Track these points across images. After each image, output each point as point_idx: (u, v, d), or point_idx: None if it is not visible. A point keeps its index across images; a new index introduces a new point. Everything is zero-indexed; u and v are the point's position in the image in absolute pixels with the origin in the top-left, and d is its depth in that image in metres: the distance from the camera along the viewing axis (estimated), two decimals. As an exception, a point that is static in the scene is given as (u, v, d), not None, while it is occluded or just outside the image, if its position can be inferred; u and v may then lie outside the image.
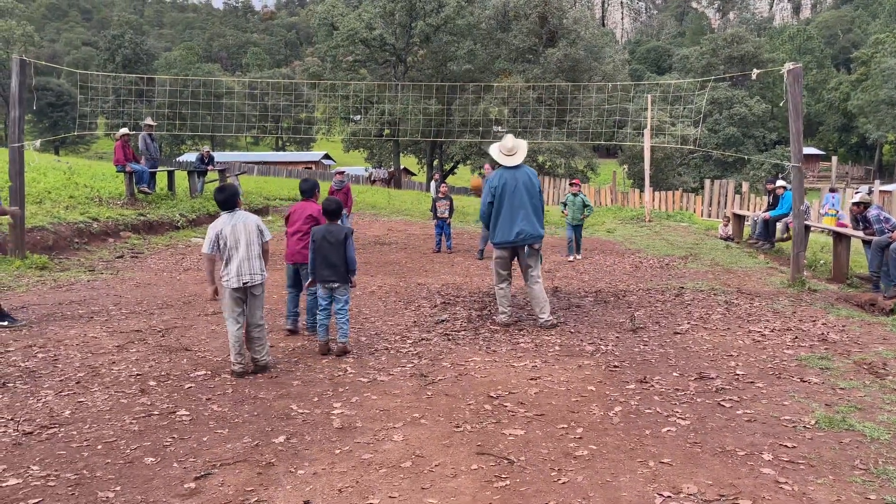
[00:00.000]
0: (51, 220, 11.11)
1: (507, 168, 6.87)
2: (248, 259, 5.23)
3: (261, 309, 5.40)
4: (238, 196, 5.43)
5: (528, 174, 6.90)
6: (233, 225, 5.24)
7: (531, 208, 6.77)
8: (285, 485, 3.55)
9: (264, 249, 5.40)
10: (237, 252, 5.21)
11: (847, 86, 68.19)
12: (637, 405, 4.63)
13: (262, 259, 5.35)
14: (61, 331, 6.52)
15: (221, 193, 5.36)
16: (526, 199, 6.74)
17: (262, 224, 5.38)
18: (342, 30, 39.58)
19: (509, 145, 6.91)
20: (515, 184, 6.78)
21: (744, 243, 14.44)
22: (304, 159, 65.23)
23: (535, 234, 6.79)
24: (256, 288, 5.30)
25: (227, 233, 5.22)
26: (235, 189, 5.48)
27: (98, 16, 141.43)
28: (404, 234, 14.95)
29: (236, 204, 5.35)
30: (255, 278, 5.25)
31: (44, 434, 4.21)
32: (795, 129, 9.08)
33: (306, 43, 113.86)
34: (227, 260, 5.24)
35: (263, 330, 5.40)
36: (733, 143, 52.30)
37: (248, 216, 5.34)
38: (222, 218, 5.29)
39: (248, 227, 5.26)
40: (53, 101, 68.92)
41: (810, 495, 3.35)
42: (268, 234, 5.41)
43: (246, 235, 5.24)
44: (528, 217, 6.74)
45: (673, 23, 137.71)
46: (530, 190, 6.80)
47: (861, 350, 5.91)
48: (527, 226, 6.72)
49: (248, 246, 5.23)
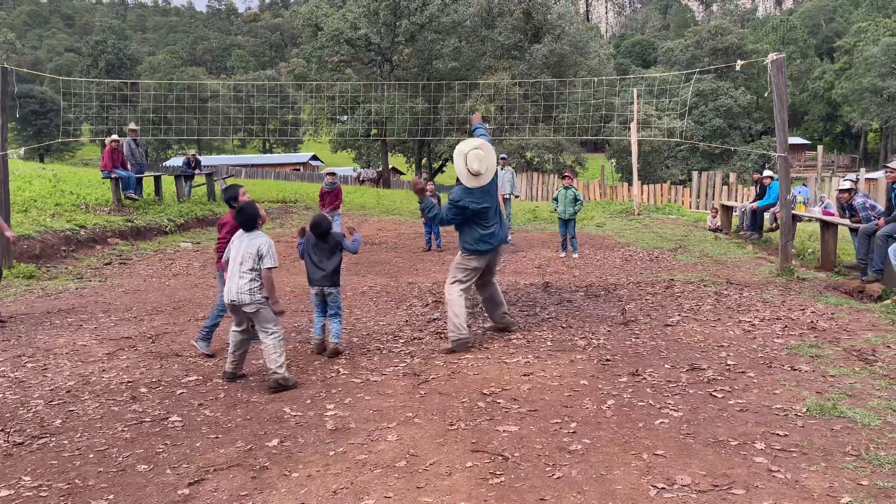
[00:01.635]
0: (37, 229, 11.02)
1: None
2: (234, 278, 5.04)
3: (266, 324, 5.08)
4: (256, 219, 5.17)
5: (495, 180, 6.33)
6: (240, 241, 5.12)
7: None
8: (280, 488, 3.54)
9: (264, 276, 5.04)
10: (231, 267, 5.10)
11: (831, 75, 68.60)
12: (630, 398, 4.64)
13: (254, 281, 5.03)
14: (50, 340, 6.47)
15: (241, 215, 5.18)
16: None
17: (266, 249, 5.04)
18: (326, 30, 39.46)
19: (475, 167, 5.97)
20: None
21: (733, 234, 14.51)
22: (291, 161, 65.06)
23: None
24: (246, 307, 5.04)
25: (234, 246, 5.14)
26: (254, 211, 5.18)
27: (80, 21, 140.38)
28: (394, 233, 14.93)
29: (255, 226, 5.15)
30: (241, 298, 5.01)
31: (34, 444, 4.18)
32: (780, 119, 9.14)
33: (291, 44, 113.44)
34: (227, 275, 5.18)
35: (269, 346, 5.06)
36: (720, 135, 52.57)
37: (255, 240, 5.06)
38: (240, 231, 5.19)
39: (249, 248, 5.03)
40: (37, 109, 68.35)
41: (803, 483, 3.37)
42: (269, 261, 5.02)
43: (243, 255, 5.03)
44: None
45: (657, 16, 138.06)
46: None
47: (850, 337, 5.96)
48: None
49: (240, 265, 5.03)
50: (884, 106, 58.35)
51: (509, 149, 37.89)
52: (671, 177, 39.96)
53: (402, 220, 17.46)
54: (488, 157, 6.05)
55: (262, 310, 5.07)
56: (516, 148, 37.50)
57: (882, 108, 58.78)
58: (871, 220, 8.97)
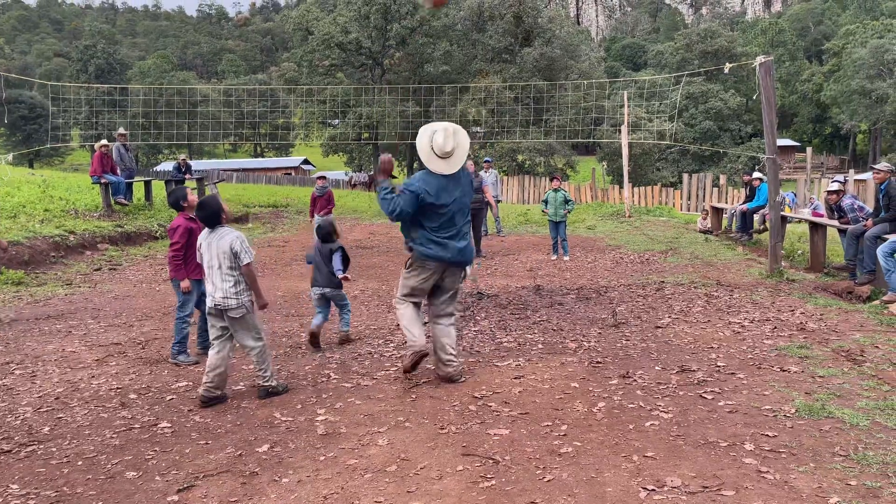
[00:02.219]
0: (26, 235, 10.96)
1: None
2: (214, 282, 4.84)
3: (248, 332, 4.89)
4: (220, 213, 4.90)
5: (465, 176, 5.19)
6: (208, 243, 4.88)
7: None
8: (270, 494, 3.53)
9: (245, 273, 4.84)
10: (209, 272, 4.88)
11: (820, 77, 69.06)
12: (620, 400, 4.65)
13: (239, 282, 4.84)
14: (39, 346, 6.43)
15: (202, 210, 4.92)
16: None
17: (238, 245, 4.80)
18: (317, 34, 39.48)
19: (441, 142, 4.90)
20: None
21: (723, 235, 14.58)
22: (283, 165, 64.87)
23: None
24: (232, 311, 4.83)
25: (204, 249, 4.91)
26: (217, 205, 4.91)
27: (69, 26, 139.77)
28: (386, 237, 14.92)
29: (219, 222, 4.89)
30: (227, 302, 4.80)
31: (23, 452, 4.15)
32: (769, 121, 9.19)
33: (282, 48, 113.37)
34: (205, 277, 4.97)
35: (257, 354, 4.91)
36: (710, 137, 52.79)
37: (226, 236, 4.84)
38: (204, 232, 4.97)
39: (221, 247, 4.80)
40: (26, 114, 67.95)
41: (792, 483, 3.38)
42: (246, 256, 4.81)
43: (217, 257, 4.82)
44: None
45: (647, 19, 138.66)
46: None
47: (839, 338, 5.99)
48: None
49: (219, 268, 4.81)
50: (872, 108, 58.75)
51: (500, 152, 37.97)
52: (662, 179, 40.12)
53: (394, 224, 17.44)
54: (460, 139, 4.98)
55: (248, 316, 4.88)
56: (507, 151, 37.57)
57: (870, 110, 59.19)
58: (859, 222, 9.02)
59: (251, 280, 4.88)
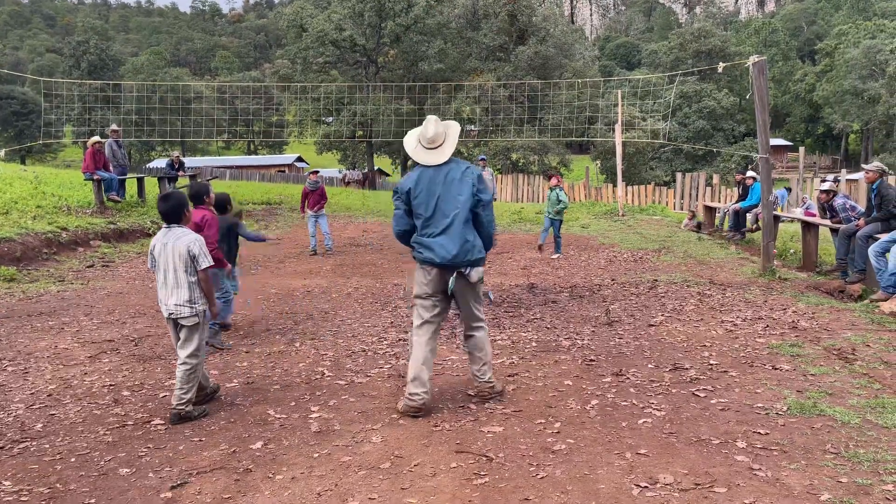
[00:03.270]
0: (18, 231, 10.90)
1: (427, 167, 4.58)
2: (169, 287, 4.48)
3: (190, 345, 4.50)
4: (182, 208, 4.56)
5: (453, 168, 4.56)
6: (164, 244, 4.49)
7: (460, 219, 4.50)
8: (263, 491, 3.53)
9: (201, 279, 4.51)
10: (161, 277, 4.50)
11: (812, 77, 69.39)
12: (613, 398, 4.67)
13: (193, 289, 4.48)
14: (31, 343, 6.40)
15: (164, 203, 4.55)
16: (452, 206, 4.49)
17: (197, 248, 4.47)
18: (311, 31, 39.37)
19: (430, 132, 4.54)
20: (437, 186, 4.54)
21: (716, 235, 14.63)
22: (276, 163, 64.69)
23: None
24: (184, 320, 4.47)
25: (158, 251, 4.51)
26: (181, 199, 4.59)
27: (62, 22, 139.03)
28: (380, 235, 14.92)
29: (178, 219, 4.54)
30: (180, 311, 4.45)
31: (15, 448, 4.13)
32: (762, 120, 9.23)
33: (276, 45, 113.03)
34: (158, 283, 4.56)
35: (187, 371, 4.47)
36: (703, 137, 52.99)
37: (182, 237, 4.48)
38: (160, 232, 4.57)
39: (177, 249, 4.44)
40: (18, 110, 67.58)
41: (784, 480, 3.40)
42: (204, 260, 4.48)
43: (173, 260, 4.45)
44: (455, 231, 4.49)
45: (641, 18, 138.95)
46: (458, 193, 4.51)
47: (831, 336, 6.03)
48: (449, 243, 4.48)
49: (174, 272, 4.45)
50: (864, 108, 59.08)
51: (494, 150, 37.98)
52: (655, 178, 40.24)
53: (388, 221, 17.44)
54: (447, 129, 4.62)
55: (199, 326, 4.53)
56: (502, 149, 37.58)
57: (863, 110, 59.53)
58: (851, 221, 9.08)
59: (207, 287, 4.55)
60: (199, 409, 4.60)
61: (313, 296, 8.59)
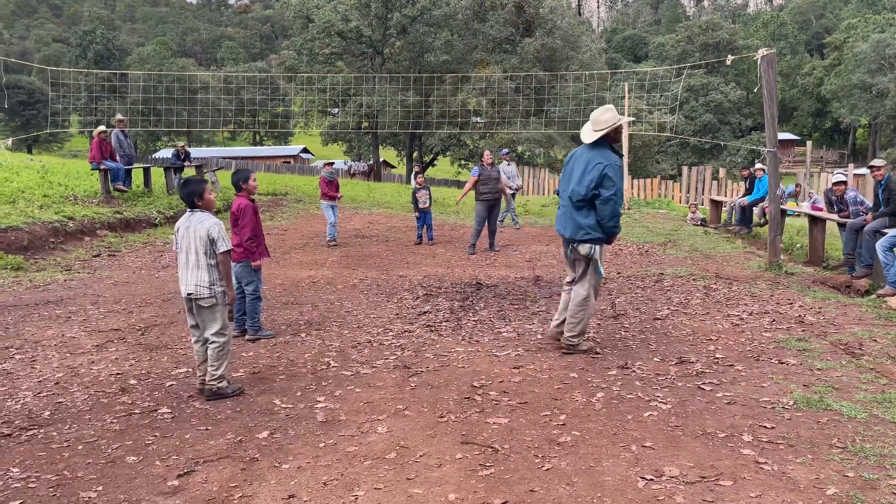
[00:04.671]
0: (25, 220, 10.94)
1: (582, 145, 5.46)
2: (190, 268, 4.68)
3: (214, 325, 4.72)
4: (194, 196, 4.76)
5: (591, 158, 5.29)
6: (186, 227, 4.72)
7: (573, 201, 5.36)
8: (270, 480, 3.54)
9: (220, 261, 4.71)
10: (184, 258, 4.71)
11: (821, 71, 68.91)
12: (619, 391, 4.67)
13: (212, 271, 4.69)
14: (38, 331, 6.43)
15: (185, 188, 4.82)
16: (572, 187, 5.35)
17: (216, 232, 4.67)
18: (318, 22, 39.23)
19: (597, 115, 5.39)
20: (573, 165, 5.45)
21: (722, 229, 14.58)
22: (282, 154, 64.71)
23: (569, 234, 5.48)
24: (203, 301, 4.68)
25: (181, 235, 4.74)
26: (199, 185, 4.82)
27: (68, 11, 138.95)
28: (385, 226, 14.91)
29: (193, 204, 4.75)
30: (199, 291, 4.66)
31: (23, 436, 4.16)
32: (770, 114, 9.17)
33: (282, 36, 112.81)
34: (180, 264, 4.78)
35: (216, 349, 4.70)
36: (710, 130, 52.73)
37: (203, 222, 4.69)
38: (183, 216, 4.81)
39: (197, 233, 4.66)
40: (25, 99, 67.65)
41: (790, 474, 3.40)
42: (222, 244, 4.68)
43: (194, 243, 4.67)
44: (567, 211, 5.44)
45: (649, 11, 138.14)
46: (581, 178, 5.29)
47: (837, 331, 6.01)
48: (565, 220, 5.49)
49: (195, 254, 4.66)
50: (872, 102, 58.68)
51: (500, 142, 37.87)
52: (661, 172, 40.04)
53: (393, 213, 17.44)
54: (598, 114, 5.37)
55: (218, 307, 4.73)
56: (507, 142, 37.49)
57: (871, 105, 59.11)
58: (859, 215, 9.04)
59: (226, 270, 4.75)
60: (233, 387, 4.80)
61: (319, 287, 8.60)
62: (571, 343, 5.50)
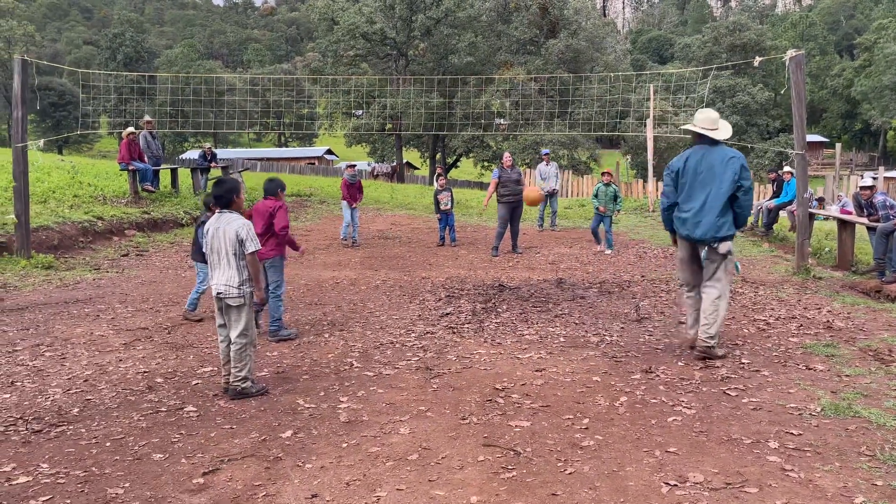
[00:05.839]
0: (56, 220, 11.14)
1: (703, 146, 5.66)
2: (221, 268, 4.76)
3: (239, 325, 4.77)
4: (233, 194, 4.85)
5: (719, 155, 5.62)
6: (216, 228, 4.78)
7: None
8: (293, 479, 3.57)
9: (249, 262, 4.77)
10: (215, 259, 4.79)
11: (850, 72, 67.81)
12: (643, 395, 4.63)
13: (242, 271, 4.76)
14: (68, 329, 6.55)
15: (218, 188, 4.87)
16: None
17: (245, 232, 4.73)
18: (342, 24, 39.52)
19: (714, 116, 5.72)
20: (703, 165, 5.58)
21: (747, 231, 14.40)
22: (306, 155, 65.14)
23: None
24: (231, 300, 4.75)
25: (210, 236, 4.80)
26: (234, 184, 4.88)
27: (99, 14, 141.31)
28: (408, 228, 14.95)
29: (229, 203, 4.83)
30: (228, 291, 4.74)
31: (52, 432, 4.24)
32: (799, 116, 9.05)
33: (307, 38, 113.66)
34: (211, 264, 4.86)
35: (238, 350, 4.75)
36: (736, 132, 51.97)
37: (232, 223, 4.75)
38: (213, 217, 4.88)
39: (227, 234, 4.72)
40: (56, 101, 68.92)
41: (817, 482, 3.35)
42: (251, 244, 4.74)
43: (224, 244, 4.73)
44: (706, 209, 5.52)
45: (674, 12, 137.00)
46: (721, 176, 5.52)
47: (866, 337, 5.91)
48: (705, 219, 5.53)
49: (225, 255, 4.74)
50: (904, 104, 57.61)
51: (523, 144, 37.79)
52: (687, 174, 39.62)
53: (416, 214, 17.48)
54: (714, 114, 5.77)
55: (244, 308, 4.78)
56: (531, 143, 37.39)
57: (902, 106, 58.04)
58: (889, 219, 8.88)
59: (254, 270, 4.80)
60: (257, 387, 4.85)
61: (342, 287, 8.65)
62: (708, 345, 5.35)
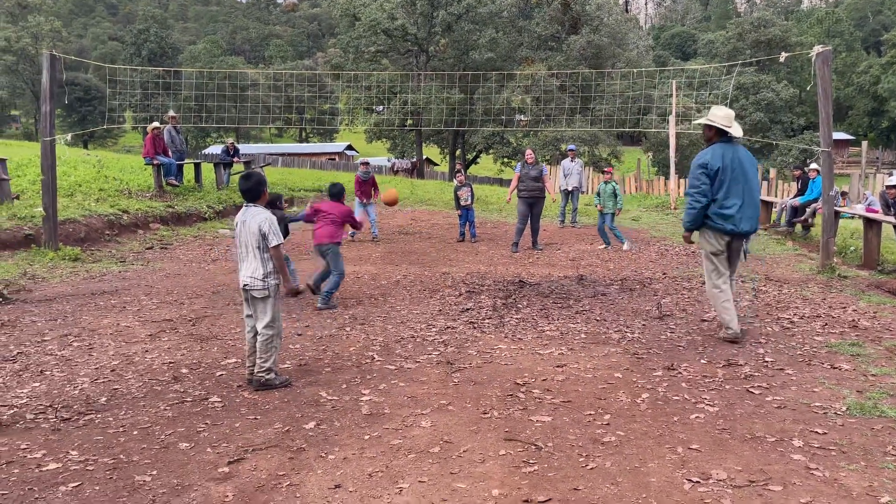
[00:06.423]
0: (82, 213, 11.32)
1: (726, 143, 5.82)
2: (248, 260, 4.83)
3: (265, 317, 4.82)
4: (260, 187, 4.88)
5: (744, 152, 5.90)
6: (242, 221, 4.84)
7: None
8: (316, 469, 3.61)
9: (272, 255, 4.80)
10: (243, 251, 4.85)
11: (877, 69, 66.63)
12: (665, 392, 4.62)
13: (266, 264, 4.80)
14: (95, 320, 6.66)
15: (245, 181, 4.88)
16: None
17: (267, 227, 4.75)
18: (364, 20, 39.55)
19: (732, 114, 5.88)
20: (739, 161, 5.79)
21: (771, 229, 14.26)
22: (327, 150, 65.48)
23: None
24: (255, 292, 4.81)
25: (238, 229, 4.88)
26: (260, 178, 4.92)
27: (123, 10, 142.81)
28: (428, 223, 14.98)
29: (256, 197, 4.86)
30: (253, 283, 4.79)
31: (81, 420, 4.32)
32: (825, 113, 8.94)
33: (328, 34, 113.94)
34: (239, 256, 4.93)
35: (265, 341, 4.81)
36: (760, 129, 51.45)
37: (256, 216, 4.79)
38: (241, 210, 4.91)
39: (250, 228, 4.77)
40: (82, 96, 69.89)
41: (841, 481, 3.33)
42: (273, 238, 4.75)
43: (247, 237, 4.80)
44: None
45: (698, 7, 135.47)
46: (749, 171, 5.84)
47: (893, 336, 5.84)
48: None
49: (250, 247, 4.80)
50: (933, 101, 56.54)
51: (544, 140, 37.64)
52: (709, 171, 39.23)
53: (436, 210, 17.50)
54: (728, 114, 5.86)
55: (270, 300, 4.83)
56: (551, 140, 37.24)
57: (931, 104, 56.97)
58: (917, 218, 8.74)
59: (279, 263, 4.83)
60: (280, 379, 4.90)
61: (363, 282, 8.70)
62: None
